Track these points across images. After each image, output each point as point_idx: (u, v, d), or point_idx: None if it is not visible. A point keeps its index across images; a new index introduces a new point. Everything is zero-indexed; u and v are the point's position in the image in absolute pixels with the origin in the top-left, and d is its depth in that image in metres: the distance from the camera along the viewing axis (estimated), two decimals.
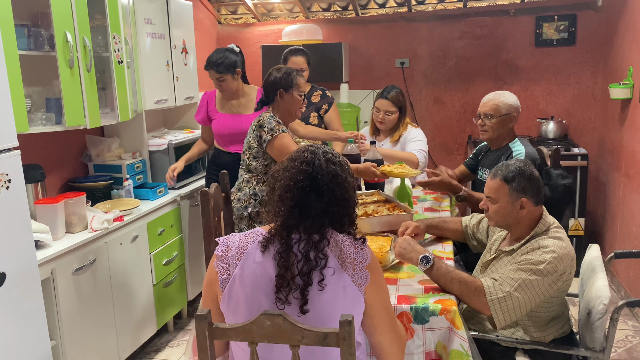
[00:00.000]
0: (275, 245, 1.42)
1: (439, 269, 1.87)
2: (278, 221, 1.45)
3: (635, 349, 3.04)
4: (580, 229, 4.04)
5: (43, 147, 2.85)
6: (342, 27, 4.80)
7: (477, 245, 2.34)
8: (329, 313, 1.39)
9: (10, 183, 1.96)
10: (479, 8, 4.53)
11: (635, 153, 3.46)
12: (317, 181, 1.43)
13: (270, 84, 2.61)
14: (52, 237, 2.40)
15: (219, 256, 1.47)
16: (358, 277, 1.41)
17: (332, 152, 1.50)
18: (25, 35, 2.43)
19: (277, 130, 2.51)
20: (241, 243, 1.47)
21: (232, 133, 3.19)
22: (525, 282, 1.83)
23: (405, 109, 3.37)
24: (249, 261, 1.43)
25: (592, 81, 4.44)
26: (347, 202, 1.47)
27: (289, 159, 1.49)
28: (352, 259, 1.42)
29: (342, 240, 1.45)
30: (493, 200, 1.98)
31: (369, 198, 2.77)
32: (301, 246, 1.40)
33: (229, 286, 1.44)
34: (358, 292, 1.40)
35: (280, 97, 2.59)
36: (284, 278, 1.38)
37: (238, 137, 3.08)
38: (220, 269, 1.46)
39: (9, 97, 1.95)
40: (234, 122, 3.21)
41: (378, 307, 1.45)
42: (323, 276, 1.38)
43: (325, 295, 1.38)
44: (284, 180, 1.45)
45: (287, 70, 2.62)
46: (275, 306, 1.39)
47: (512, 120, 2.71)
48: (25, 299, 2.01)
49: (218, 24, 4.99)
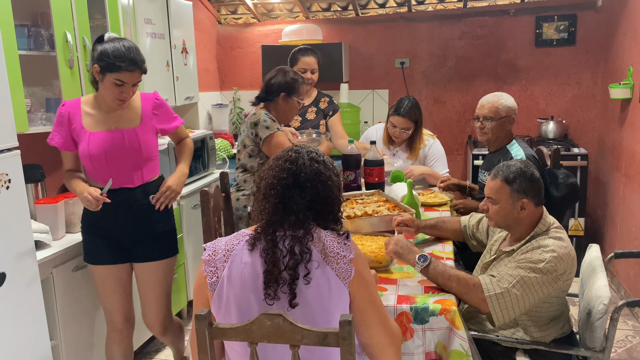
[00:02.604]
0: (261, 243, 1.45)
1: (436, 268, 1.87)
2: (263, 218, 1.48)
3: (635, 349, 3.04)
4: (580, 229, 4.04)
5: (43, 147, 2.85)
6: (342, 27, 4.80)
7: (477, 245, 2.34)
8: (316, 307, 1.41)
9: (10, 183, 1.96)
10: (479, 8, 4.53)
11: (635, 153, 3.46)
12: (299, 178, 1.45)
13: (275, 84, 2.61)
14: (52, 237, 2.40)
15: (206, 260, 1.49)
16: (342, 271, 1.42)
17: (316, 151, 1.53)
18: (25, 35, 2.44)
19: (272, 128, 2.51)
20: (227, 245, 1.49)
21: (122, 155, 2.25)
22: (524, 279, 1.83)
23: (421, 122, 3.27)
24: (236, 262, 1.45)
25: (592, 81, 4.44)
26: (331, 200, 1.50)
27: (274, 158, 1.53)
28: (335, 253, 1.43)
29: (325, 235, 1.47)
30: (494, 201, 1.98)
31: (369, 198, 2.77)
32: (286, 242, 1.43)
33: (219, 288, 1.46)
34: (342, 286, 1.42)
35: (282, 100, 2.59)
36: (271, 274, 1.41)
37: (130, 161, 2.27)
38: (209, 273, 1.47)
39: (9, 97, 1.95)
40: (118, 139, 2.24)
41: (364, 300, 1.45)
42: (308, 270, 1.41)
43: (311, 289, 1.41)
44: (268, 178, 1.49)
45: (295, 77, 2.61)
46: (265, 302, 1.41)
47: (511, 122, 2.73)
48: (25, 299, 2.01)
49: (218, 24, 4.99)
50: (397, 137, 3.28)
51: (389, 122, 3.28)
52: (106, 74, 2.13)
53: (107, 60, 2.10)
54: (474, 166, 4.14)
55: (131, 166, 2.27)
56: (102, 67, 2.13)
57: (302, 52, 3.43)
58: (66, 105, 2.24)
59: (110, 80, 2.13)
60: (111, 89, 2.16)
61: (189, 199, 3.45)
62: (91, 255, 2.36)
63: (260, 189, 1.51)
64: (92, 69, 2.17)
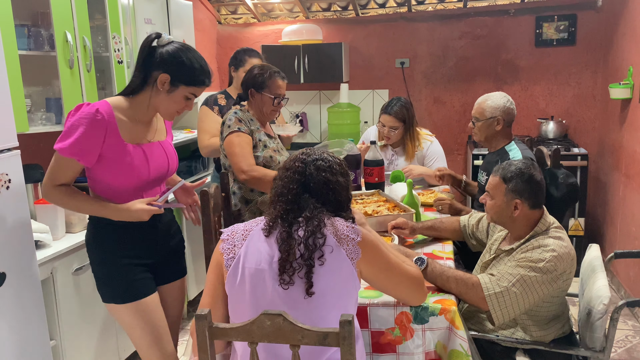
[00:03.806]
0: (278, 230, 1.50)
1: (434, 270, 1.87)
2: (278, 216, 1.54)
3: (635, 349, 3.04)
4: (580, 229, 4.04)
5: (43, 147, 2.85)
6: (342, 27, 4.80)
7: (477, 245, 2.34)
8: (327, 286, 1.46)
9: (10, 183, 1.96)
10: (479, 8, 4.53)
11: (635, 153, 3.46)
12: (310, 188, 1.53)
13: (244, 82, 2.60)
14: (52, 237, 2.40)
15: (224, 239, 1.56)
16: (351, 252, 1.50)
17: (322, 158, 1.57)
18: (25, 35, 2.44)
19: (233, 127, 2.50)
20: (245, 227, 1.57)
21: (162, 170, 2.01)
22: (524, 278, 1.83)
23: (410, 121, 3.27)
24: (254, 240, 1.52)
25: (592, 81, 4.44)
26: (341, 202, 1.59)
27: (282, 169, 1.59)
28: (345, 235, 1.50)
29: (335, 220, 1.54)
30: (491, 196, 2.02)
31: (369, 198, 2.77)
32: (300, 233, 1.48)
33: (234, 264, 1.51)
34: (352, 266, 1.49)
35: (252, 96, 2.58)
36: (286, 261, 1.45)
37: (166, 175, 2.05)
38: (226, 250, 1.53)
39: (9, 97, 1.96)
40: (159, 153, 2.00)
41: (376, 275, 1.57)
42: (322, 252, 1.47)
43: (325, 268, 1.46)
44: (277, 188, 1.56)
45: (262, 71, 2.59)
46: (280, 287, 1.45)
47: (499, 123, 2.68)
48: (25, 299, 2.01)
49: (218, 24, 4.99)
50: (388, 137, 3.29)
51: (379, 121, 3.32)
52: (179, 86, 1.85)
53: (188, 73, 1.85)
54: (474, 166, 4.14)
55: (162, 180, 2.06)
56: (177, 78, 1.84)
57: (248, 52, 3.29)
58: (101, 112, 1.80)
59: (183, 94, 1.87)
60: (179, 102, 1.89)
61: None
62: (135, 287, 1.93)
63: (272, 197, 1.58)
64: (157, 77, 1.84)
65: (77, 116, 1.79)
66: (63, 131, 1.81)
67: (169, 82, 1.84)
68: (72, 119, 1.80)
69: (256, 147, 2.54)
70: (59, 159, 1.84)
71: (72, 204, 1.90)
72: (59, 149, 1.81)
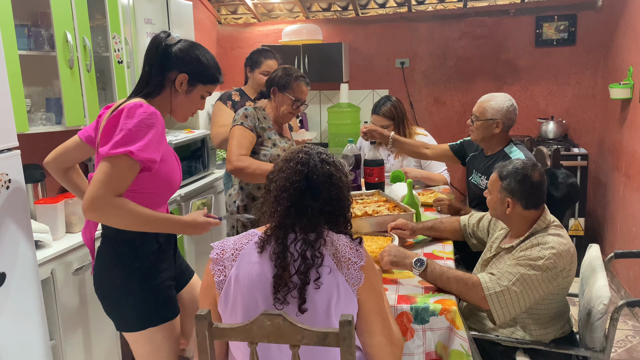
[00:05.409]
0: (271, 245, 1.43)
1: (434, 270, 1.87)
2: (274, 221, 1.46)
3: (635, 349, 3.04)
4: (580, 229, 4.04)
5: (43, 147, 2.85)
6: (342, 27, 4.80)
7: (477, 244, 2.34)
8: (324, 312, 1.40)
9: (10, 183, 1.96)
10: (479, 8, 4.53)
11: (635, 153, 3.46)
12: (312, 181, 1.44)
13: (269, 79, 2.63)
14: (52, 237, 2.40)
15: (214, 259, 1.48)
16: (352, 277, 1.41)
17: (325, 152, 1.52)
18: (25, 35, 2.44)
19: (237, 121, 2.52)
20: (236, 245, 1.48)
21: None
22: (524, 276, 1.83)
23: (400, 120, 3.27)
24: (245, 261, 1.44)
25: (592, 81, 4.44)
26: (342, 202, 1.49)
27: (284, 160, 1.50)
28: (347, 258, 1.42)
29: (337, 239, 1.45)
30: (489, 191, 2.07)
31: (369, 198, 2.77)
32: (297, 245, 1.41)
33: (226, 287, 1.45)
34: (351, 292, 1.40)
35: (273, 94, 2.60)
36: (281, 278, 1.39)
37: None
38: (217, 272, 1.46)
39: (9, 97, 1.95)
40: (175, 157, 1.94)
41: (371, 309, 1.44)
42: (319, 274, 1.39)
43: (321, 293, 1.39)
44: (280, 181, 1.46)
45: (289, 72, 2.62)
46: (274, 307, 1.39)
47: (498, 126, 2.62)
48: (25, 299, 2.01)
49: (218, 24, 4.99)
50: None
51: (371, 121, 3.33)
52: (197, 85, 1.80)
53: (205, 71, 1.80)
54: None
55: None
56: (196, 77, 1.79)
57: (263, 54, 3.30)
58: (159, 115, 1.70)
59: (200, 93, 1.82)
60: (196, 102, 1.84)
61: (190, 199, 3.45)
62: (173, 304, 1.85)
63: (270, 191, 1.49)
64: (174, 78, 1.77)
65: (140, 116, 1.63)
66: (122, 135, 1.60)
67: (186, 81, 1.77)
68: (134, 120, 1.62)
69: (264, 145, 2.55)
70: (120, 165, 1.59)
71: (141, 217, 1.65)
72: (129, 152, 1.58)
